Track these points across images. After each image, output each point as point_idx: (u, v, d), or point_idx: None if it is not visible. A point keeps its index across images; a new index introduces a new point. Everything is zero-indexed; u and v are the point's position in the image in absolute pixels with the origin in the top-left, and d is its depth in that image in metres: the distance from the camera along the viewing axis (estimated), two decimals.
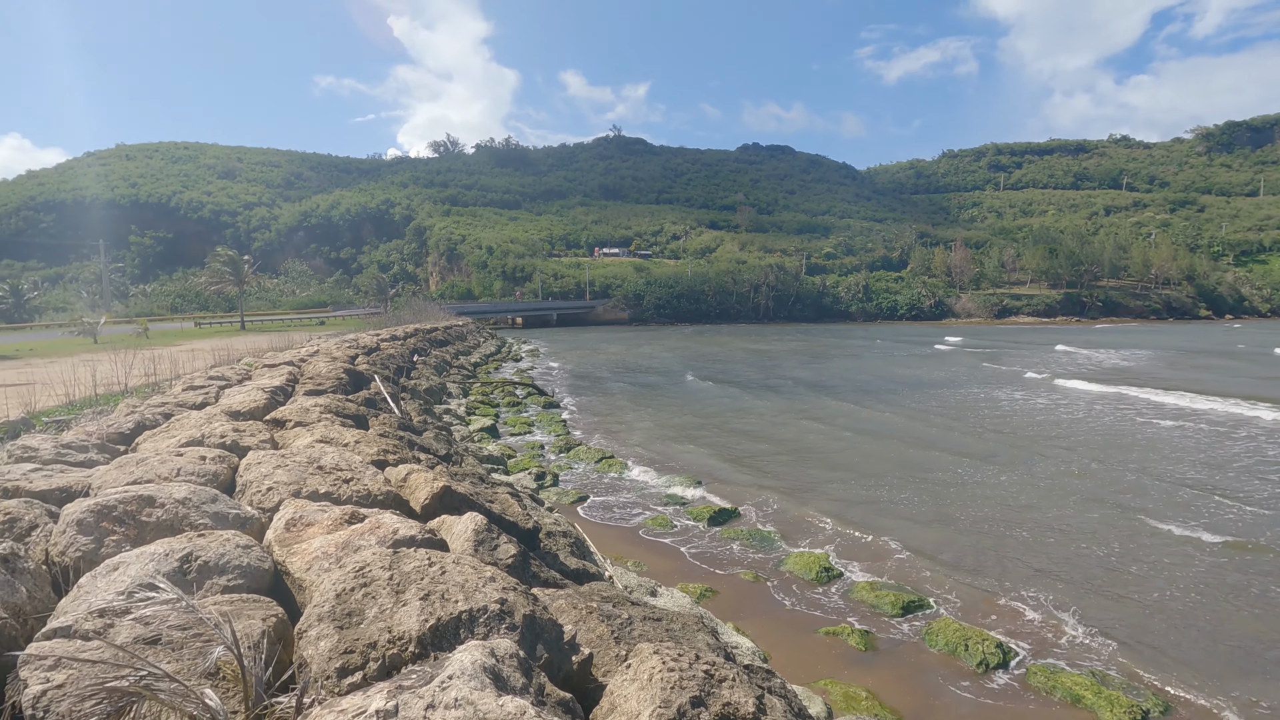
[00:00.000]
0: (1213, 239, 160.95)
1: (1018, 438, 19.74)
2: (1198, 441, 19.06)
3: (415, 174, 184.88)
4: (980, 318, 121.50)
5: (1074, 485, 14.71)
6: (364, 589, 3.45)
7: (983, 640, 7.70)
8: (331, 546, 4.22)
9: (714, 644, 4.12)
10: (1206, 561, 10.47)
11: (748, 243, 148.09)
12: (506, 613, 3.44)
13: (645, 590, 7.72)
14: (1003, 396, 28.14)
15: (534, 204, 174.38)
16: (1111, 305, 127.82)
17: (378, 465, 7.05)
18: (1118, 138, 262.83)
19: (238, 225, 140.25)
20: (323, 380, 13.11)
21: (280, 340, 25.81)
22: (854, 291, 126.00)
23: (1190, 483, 14.80)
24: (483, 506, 5.98)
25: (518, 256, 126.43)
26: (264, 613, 3.38)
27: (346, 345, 23.18)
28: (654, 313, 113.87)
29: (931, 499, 13.72)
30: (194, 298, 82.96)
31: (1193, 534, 11.63)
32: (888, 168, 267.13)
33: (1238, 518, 12.53)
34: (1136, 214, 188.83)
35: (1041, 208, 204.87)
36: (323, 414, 9.01)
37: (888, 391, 30.00)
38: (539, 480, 14.17)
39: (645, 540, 11.44)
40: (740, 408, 25.73)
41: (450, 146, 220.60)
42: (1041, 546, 11.07)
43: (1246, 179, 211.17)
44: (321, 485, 5.65)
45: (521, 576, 4.72)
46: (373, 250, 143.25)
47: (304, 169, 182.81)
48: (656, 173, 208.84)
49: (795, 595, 9.29)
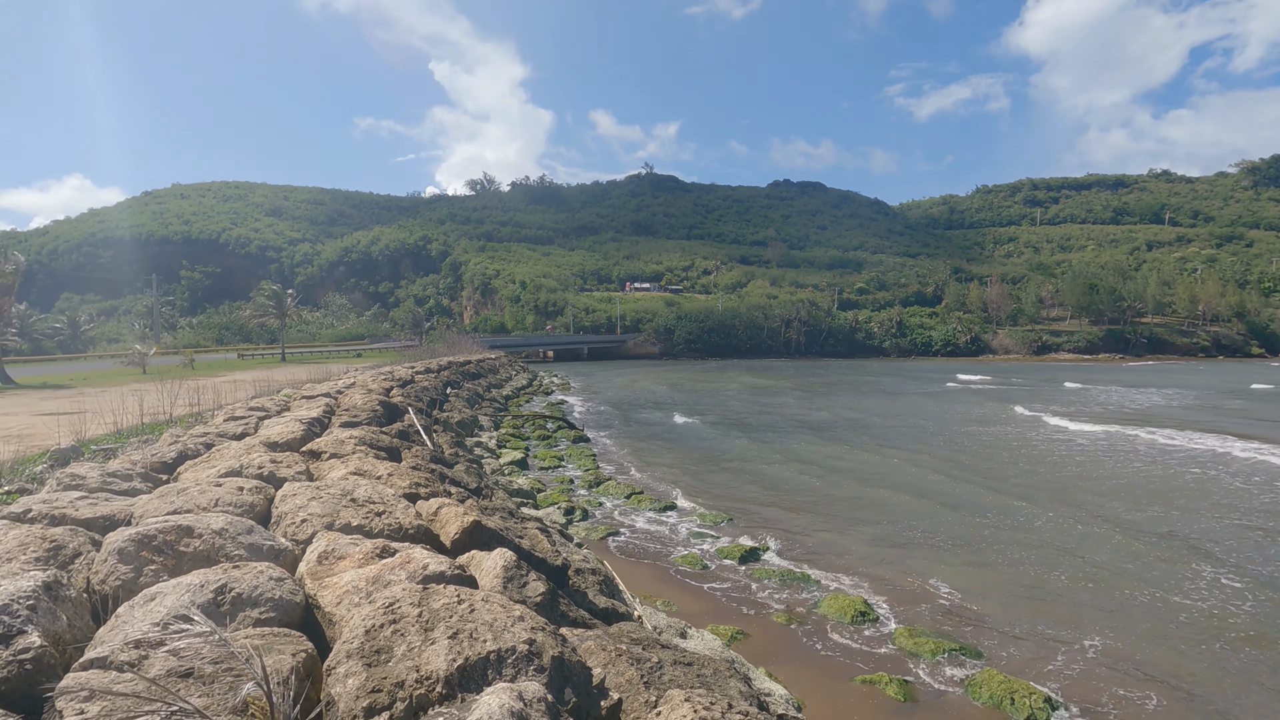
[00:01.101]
0: (1263, 274, 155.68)
1: (1040, 481, 19.05)
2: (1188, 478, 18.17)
3: (452, 211, 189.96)
4: (1019, 354, 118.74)
5: (1100, 530, 14.08)
6: (393, 626, 3.44)
7: (1030, 694, 7.32)
8: (362, 581, 4.22)
9: (746, 691, 3.98)
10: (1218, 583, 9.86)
11: (779, 278, 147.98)
12: (535, 654, 3.38)
13: (675, 632, 7.55)
14: (1011, 435, 27.27)
15: (567, 239, 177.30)
16: (1157, 342, 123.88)
17: (409, 498, 7.08)
18: (1158, 172, 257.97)
19: (282, 260, 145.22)
20: (358, 412, 13.33)
21: (319, 372, 26.40)
22: (887, 327, 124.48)
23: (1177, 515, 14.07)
24: (512, 542, 5.94)
25: (550, 291, 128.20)
26: (294, 648, 3.38)
27: (382, 378, 23.60)
28: (684, 347, 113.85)
29: (965, 544, 13.25)
30: (238, 330, 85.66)
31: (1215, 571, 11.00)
32: (920, 203, 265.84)
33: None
34: (1180, 249, 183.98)
35: (1080, 243, 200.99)
36: (357, 446, 9.13)
37: (905, 435, 29.35)
38: (568, 515, 14.08)
39: (675, 579, 11.24)
40: (768, 445, 25.39)
41: (487, 184, 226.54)
42: (1089, 593, 10.56)
43: None
44: (354, 518, 5.69)
45: (550, 615, 4.66)
46: (410, 284, 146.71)
47: (346, 206, 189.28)
48: (688, 209, 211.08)
49: (830, 640, 8.98)
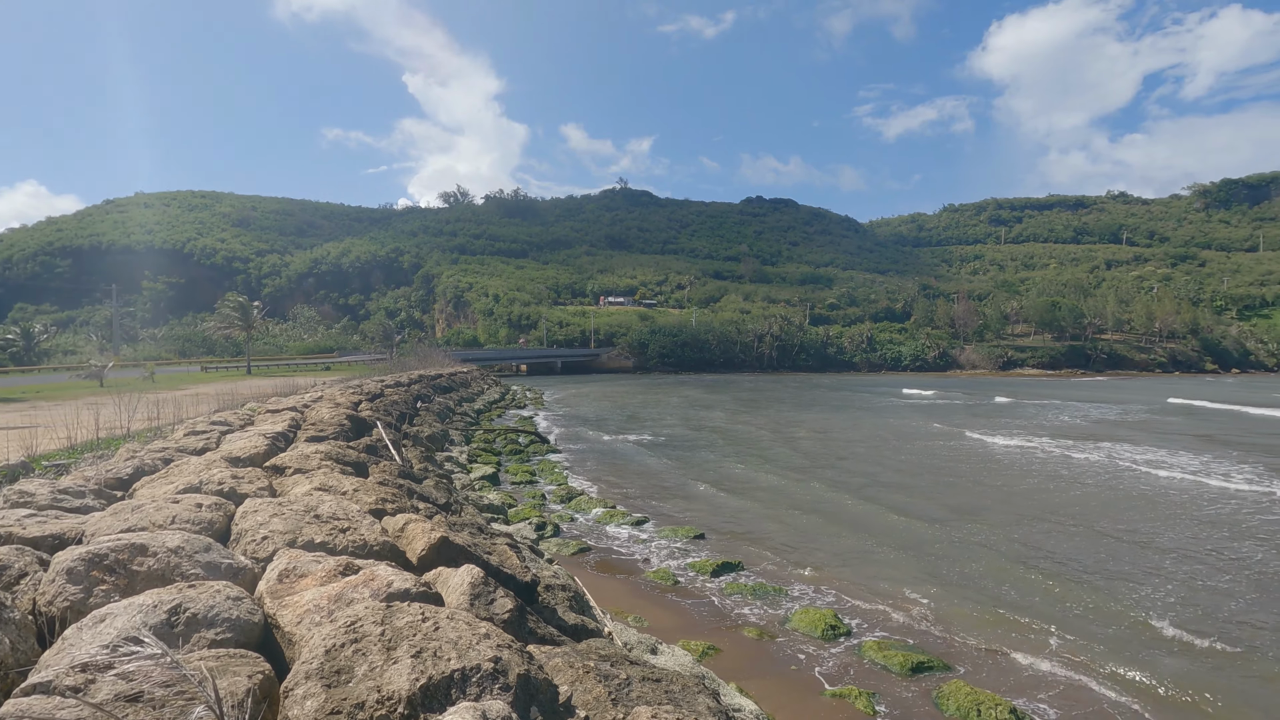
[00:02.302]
0: (1215, 293, 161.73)
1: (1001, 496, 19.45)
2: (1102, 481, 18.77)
3: (425, 223, 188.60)
4: (985, 369, 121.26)
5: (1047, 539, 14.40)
6: (354, 645, 3.36)
7: (996, 705, 7.40)
8: (324, 599, 4.12)
9: (714, 707, 3.96)
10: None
11: (752, 293, 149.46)
12: (500, 672, 3.33)
13: (645, 648, 7.50)
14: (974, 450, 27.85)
15: (540, 253, 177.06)
16: (1116, 358, 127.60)
17: (376, 514, 6.96)
18: (1115, 194, 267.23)
19: (249, 271, 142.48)
20: (325, 426, 13.08)
21: (285, 385, 25.87)
22: (858, 342, 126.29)
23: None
24: (480, 559, 5.86)
25: (523, 304, 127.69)
26: (250, 669, 3.28)
27: (350, 391, 23.21)
28: (658, 361, 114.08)
29: (923, 556, 13.42)
30: (202, 342, 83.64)
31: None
32: (889, 221, 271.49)
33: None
34: (1138, 268, 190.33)
35: (1043, 261, 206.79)
36: (323, 461, 8.95)
37: (861, 457, 29.75)
38: (539, 531, 13.95)
39: (647, 594, 11.18)
40: (740, 461, 25.50)
41: (460, 197, 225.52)
42: (1044, 602, 10.75)
43: (1245, 235, 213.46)
44: (318, 535, 5.56)
45: (518, 632, 4.60)
46: (381, 297, 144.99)
47: (316, 217, 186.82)
48: (662, 224, 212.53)
49: (801, 654, 9.00)
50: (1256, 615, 10.45)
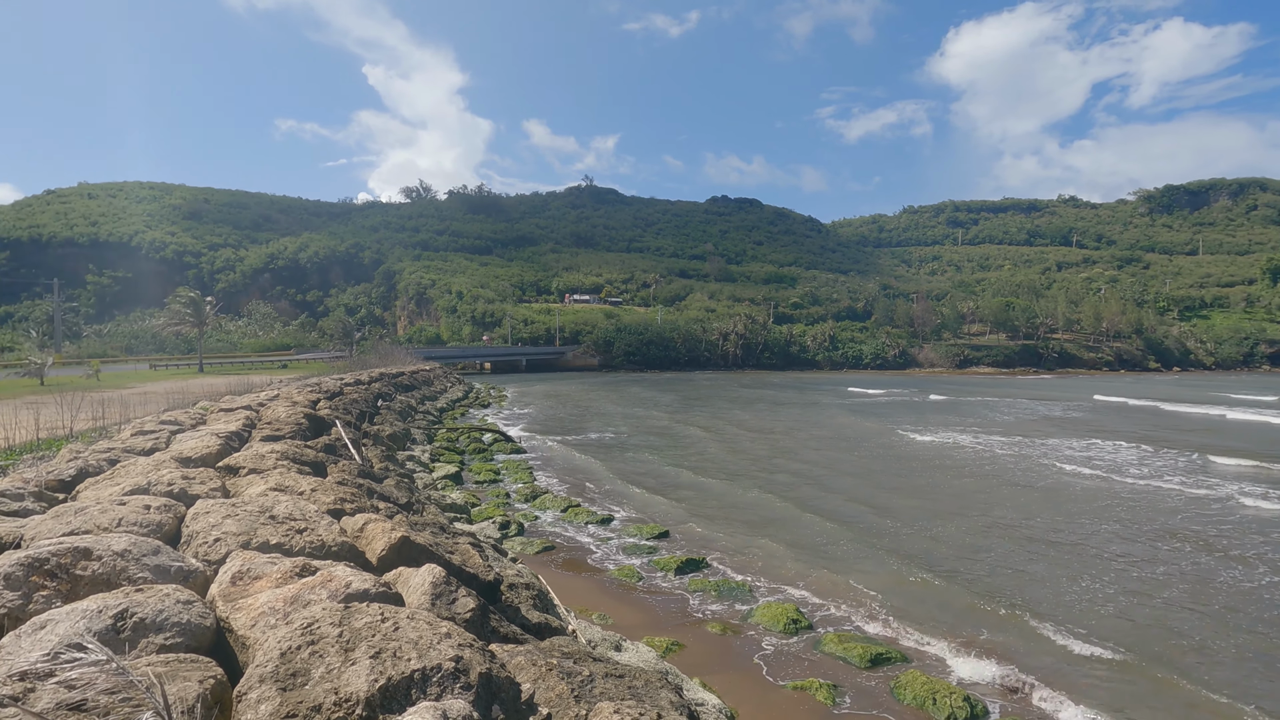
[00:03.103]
0: (1158, 294, 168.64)
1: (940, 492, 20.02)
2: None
3: (387, 218, 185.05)
4: (943, 368, 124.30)
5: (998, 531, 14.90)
6: (311, 647, 3.30)
7: (950, 694, 7.62)
8: (279, 601, 4.03)
9: (677, 702, 3.99)
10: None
11: (717, 292, 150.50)
12: (461, 671, 3.30)
13: (610, 645, 7.51)
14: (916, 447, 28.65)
15: (505, 250, 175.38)
16: (1066, 357, 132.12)
17: (334, 514, 6.82)
18: (1066, 198, 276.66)
19: (201, 266, 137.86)
20: (281, 425, 12.76)
21: (239, 384, 25.13)
22: (820, 341, 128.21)
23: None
24: (442, 558, 5.80)
25: (487, 301, 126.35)
26: (201, 674, 3.19)
27: (308, 389, 22.68)
28: (624, 359, 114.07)
29: (879, 549, 13.73)
30: (151, 339, 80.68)
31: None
32: (851, 221, 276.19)
33: None
34: (1086, 270, 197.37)
35: (998, 262, 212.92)
36: (279, 461, 8.74)
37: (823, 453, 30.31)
38: (503, 530, 13.84)
39: (612, 591, 11.19)
40: (704, 458, 25.70)
41: (423, 192, 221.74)
42: (990, 589, 11.10)
43: (1186, 239, 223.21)
44: (273, 536, 5.43)
45: (480, 632, 4.56)
46: (340, 293, 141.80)
47: (273, 211, 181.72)
48: (628, 222, 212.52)
49: (763, 648, 9.12)
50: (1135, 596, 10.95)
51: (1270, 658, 9.02)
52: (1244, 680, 8.40)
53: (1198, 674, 8.52)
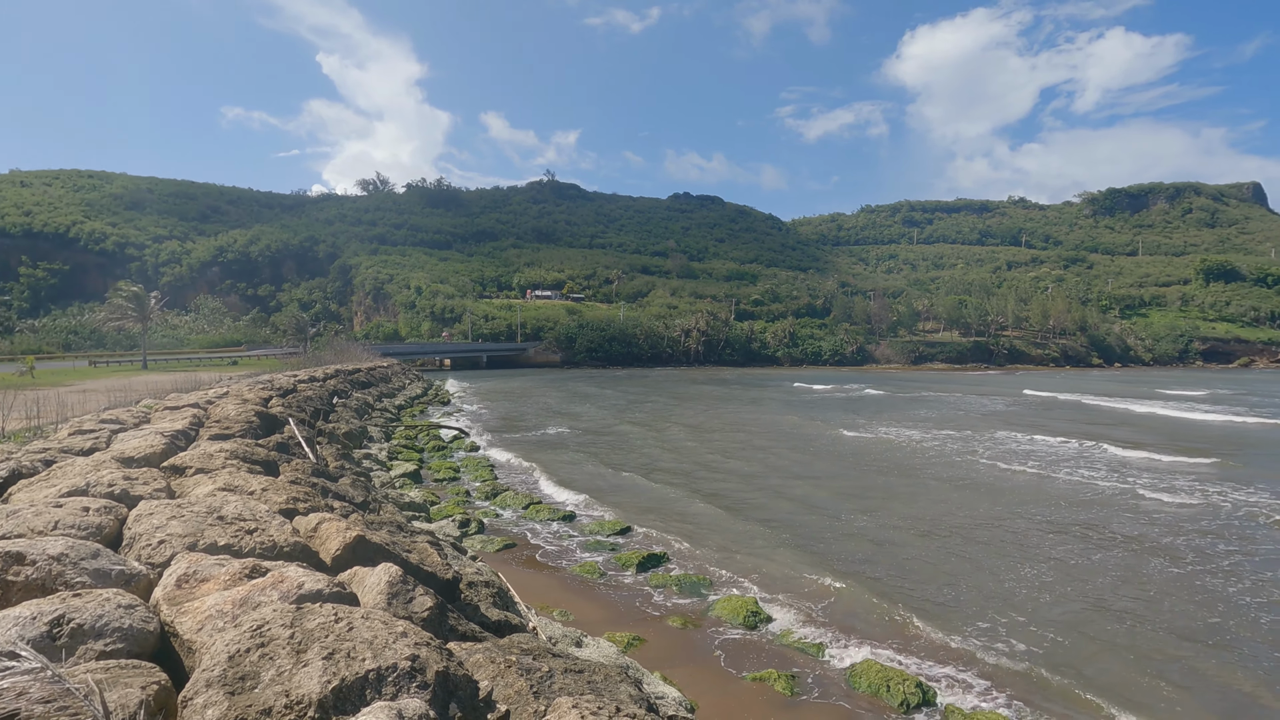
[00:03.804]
0: (1101, 293, 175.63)
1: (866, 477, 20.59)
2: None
3: (342, 211, 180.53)
4: (899, 364, 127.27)
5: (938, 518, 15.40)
6: (261, 649, 3.22)
7: (903, 680, 7.83)
8: (228, 604, 3.92)
9: (636, 695, 4.02)
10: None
11: (679, 289, 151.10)
12: (418, 670, 3.27)
13: (570, 641, 7.51)
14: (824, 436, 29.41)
15: (465, 245, 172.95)
16: (1016, 353, 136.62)
17: (286, 514, 6.65)
18: (1016, 199, 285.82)
19: (145, 259, 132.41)
20: (231, 424, 12.37)
21: (186, 381, 24.25)
22: (780, 337, 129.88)
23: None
24: (399, 557, 5.71)
25: (447, 297, 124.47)
26: (144, 680, 3.09)
27: (260, 387, 22.02)
28: (586, 356, 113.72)
29: (825, 541, 14.04)
30: (90, 335, 77.24)
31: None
32: (810, 220, 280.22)
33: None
34: (1035, 269, 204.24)
35: (951, 261, 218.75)
36: (228, 460, 8.47)
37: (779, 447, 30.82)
38: (463, 528, 13.69)
39: (574, 588, 11.18)
40: (664, 454, 25.83)
41: (380, 185, 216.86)
42: (933, 577, 11.45)
43: (1127, 240, 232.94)
44: (221, 537, 5.27)
45: (437, 630, 4.51)
46: (294, 288, 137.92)
47: (222, 202, 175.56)
48: (590, 218, 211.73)
49: (723, 641, 9.23)
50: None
51: (1151, 649, 9.51)
52: (1117, 668, 8.84)
53: (1100, 663, 8.93)
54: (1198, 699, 7.91)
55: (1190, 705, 7.77)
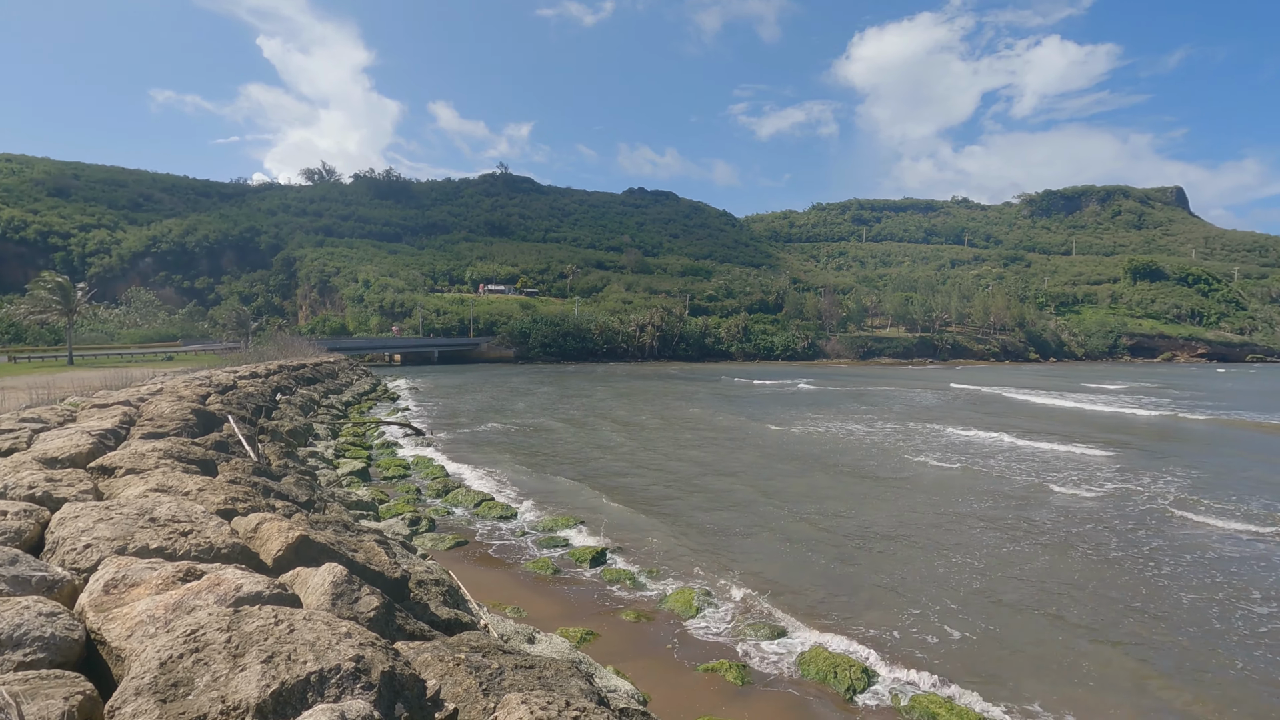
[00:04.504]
0: (1038, 291, 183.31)
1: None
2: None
3: (286, 201, 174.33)
4: (848, 358, 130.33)
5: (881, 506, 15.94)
6: (195, 655, 3.10)
7: (850, 666, 8.05)
8: (160, 609, 3.76)
9: (587, 689, 4.02)
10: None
11: (634, 284, 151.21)
12: (362, 671, 3.20)
13: (523, 637, 7.46)
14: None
15: (415, 238, 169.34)
16: (959, 349, 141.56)
17: (225, 515, 6.41)
18: (959, 199, 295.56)
19: (70, 248, 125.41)
20: (165, 422, 11.84)
21: (116, 377, 23.08)
22: (734, 333, 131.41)
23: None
24: (344, 556, 5.57)
25: (397, 291, 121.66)
26: (67, 690, 2.94)
27: (197, 383, 21.13)
28: (540, 351, 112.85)
29: (770, 532, 14.34)
30: (9, 329, 72.73)
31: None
32: (763, 217, 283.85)
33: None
34: (976, 267, 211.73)
35: (899, 259, 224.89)
36: (162, 459, 8.12)
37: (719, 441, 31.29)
38: (413, 526, 13.44)
39: (527, 584, 11.11)
40: (615, 450, 25.88)
41: (326, 175, 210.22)
42: (874, 566, 11.83)
43: (1061, 240, 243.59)
44: (154, 540, 5.05)
45: (384, 630, 4.43)
46: (234, 281, 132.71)
47: (155, 190, 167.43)
48: (544, 211, 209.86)
49: (675, 633, 9.31)
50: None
51: (1076, 628, 10.05)
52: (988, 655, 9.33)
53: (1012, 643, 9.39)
54: (1119, 671, 8.36)
55: (1113, 676, 8.21)
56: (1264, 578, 11.77)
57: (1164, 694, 7.93)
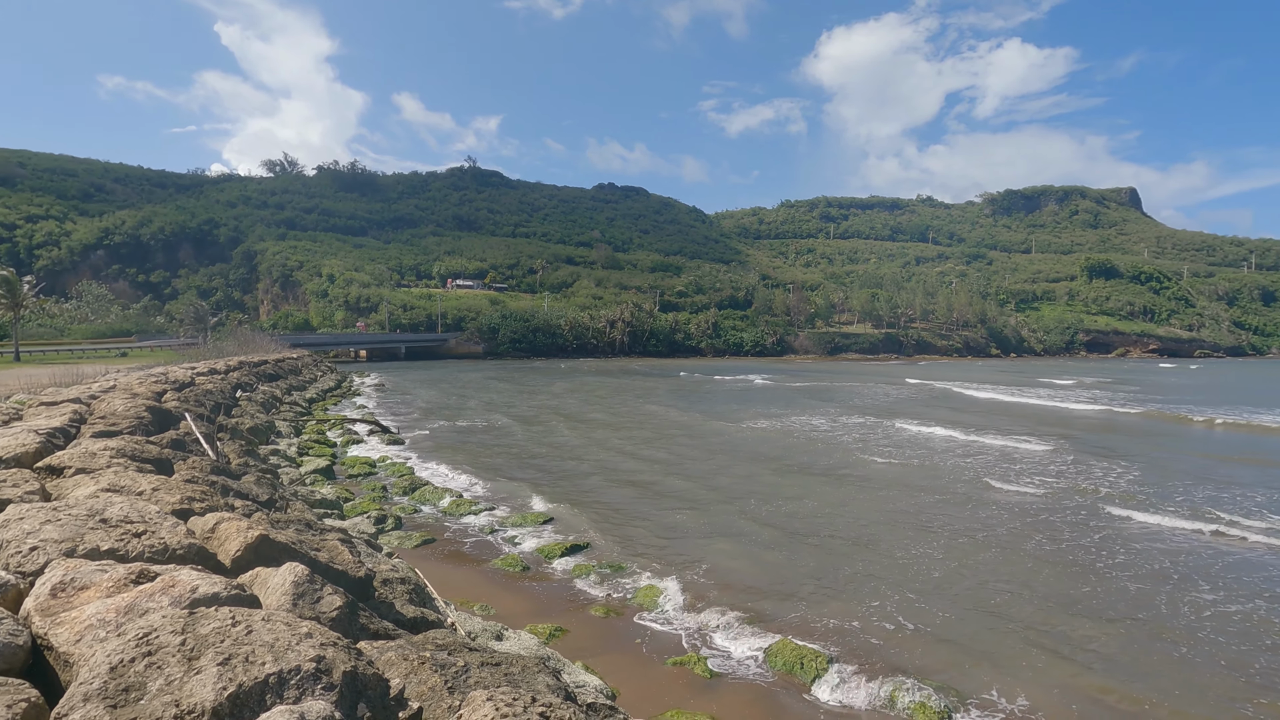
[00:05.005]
0: (999, 288, 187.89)
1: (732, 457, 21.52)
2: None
3: (246, 193, 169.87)
4: (816, 354, 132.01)
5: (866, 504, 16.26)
6: (148, 659, 3.01)
7: (816, 658, 8.17)
8: (110, 612, 3.64)
9: (554, 685, 4.01)
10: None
11: (604, 279, 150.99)
12: (324, 671, 3.14)
13: (491, 635, 7.41)
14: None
15: (382, 232, 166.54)
16: (923, 344, 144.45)
17: (181, 515, 6.23)
18: (924, 198, 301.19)
19: (16, 240, 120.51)
20: (118, 420, 11.46)
21: (66, 374, 22.25)
22: (704, 329, 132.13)
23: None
24: (306, 556, 5.46)
25: (363, 285, 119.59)
26: (10, 698, 2.83)
27: (153, 380, 20.49)
28: (509, 347, 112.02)
29: (772, 526, 14.51)
30: None
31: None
32: (733, 213, 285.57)
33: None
34: (940, 265, 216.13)
35: (865, 256, 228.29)
36: (114, 458, 7.86)
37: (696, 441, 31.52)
38: (379, 524, 13.23)
39: (496, 581, 11.03)
40: (581, 446, 25.85)
41: (288, 166, 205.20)
42: (836, 558, 12.05)
43: (1022, 238, 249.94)
44: (105, 541, 4.88)
45: (347, 630, 4.35)
46: (192, 275, 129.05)
47: (107, 180, 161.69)
48: (513, 206, 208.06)
49: (645, 627, 9.34)
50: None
51: (1029, 616, 10.38)
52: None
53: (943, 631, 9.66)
54: (1068, 655, 8.64)
55: (1063, 660, 8.48)
56: (1204, 567, 12.26)
57: (1110, 676, 8.21)
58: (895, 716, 7.30)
